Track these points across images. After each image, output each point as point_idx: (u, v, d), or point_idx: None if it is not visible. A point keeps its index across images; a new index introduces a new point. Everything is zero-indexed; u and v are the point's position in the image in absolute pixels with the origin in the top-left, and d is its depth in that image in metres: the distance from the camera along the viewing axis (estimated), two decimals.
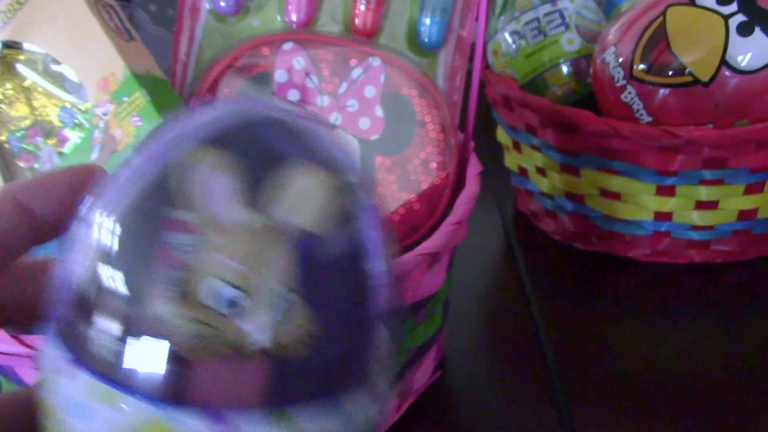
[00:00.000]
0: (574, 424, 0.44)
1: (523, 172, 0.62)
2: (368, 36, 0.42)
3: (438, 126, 0.42)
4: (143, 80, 0.36)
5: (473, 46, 0.44)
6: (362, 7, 0.42)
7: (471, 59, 0.44)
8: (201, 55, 0.42)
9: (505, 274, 0.59)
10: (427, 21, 0.42)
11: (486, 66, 0.61)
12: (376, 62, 0.42)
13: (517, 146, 0.61)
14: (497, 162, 0.66)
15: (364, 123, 0.41)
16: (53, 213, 0.19)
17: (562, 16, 0.57)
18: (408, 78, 0.42)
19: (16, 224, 0.19)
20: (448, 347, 0.50)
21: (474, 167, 0.43)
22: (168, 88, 0.38)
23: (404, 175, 0.42)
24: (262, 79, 0.41)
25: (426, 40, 0.42)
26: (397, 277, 0.21)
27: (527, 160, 0.60)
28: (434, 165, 0.42)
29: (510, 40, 0.59)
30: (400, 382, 0.42)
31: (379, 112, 0.42)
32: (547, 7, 0.57)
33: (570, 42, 0.57)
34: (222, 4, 0.42)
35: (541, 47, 0.57)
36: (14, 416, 0.19)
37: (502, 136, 0.64)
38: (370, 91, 0.42)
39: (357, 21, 0.42)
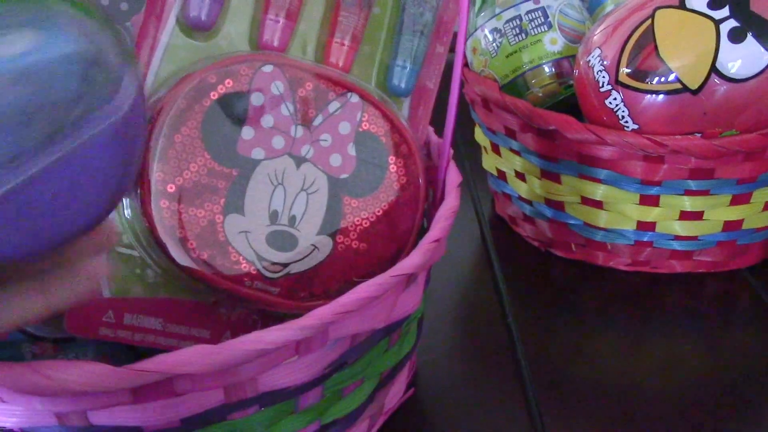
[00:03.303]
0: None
1: (501, 175, 0.60)
2: None
3: (409, 172, 0.40)
4: None
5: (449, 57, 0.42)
6: (337, 44, 0.40)
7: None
8: (161, 65, 0.39)
9: (480, 281, 0.57)
10: (400, 67, 0.41)
11: (464, 64, 0.59)
12: (354, 98, 0.40)
13: (495, 148, 0.59)
14: (476, 162, 0.64)
15: (335, 159, 0.40)
16: None
17: (545, 15, 0.55)
18: (383, 119, 0.40)
19: None
20: (421, 360, 0.48)
21: (453, 177, 0.41)
22: None
23: (370, 217, 0.40)
24: (236, 98, 0.38)
25: (397, 85, 0.42)
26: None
27: (506, 163, 0.58)
28: (402, 210, 0.40)
29: (490, 37, 0.56)
30: (371, 404, 0.40)
31: (351, 150, 0.40)
32: (530, 5, 0.55)
33: (553, 42, 0.54)
34: (194, 14, 0.39)
35: (522, 47, 0.55)
36: None
37: (480, 137, 0.61)
38: (344, 128, 0.40)
39: (332, 57, 0.41)
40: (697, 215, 0.52)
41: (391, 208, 0.40)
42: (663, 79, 0.47)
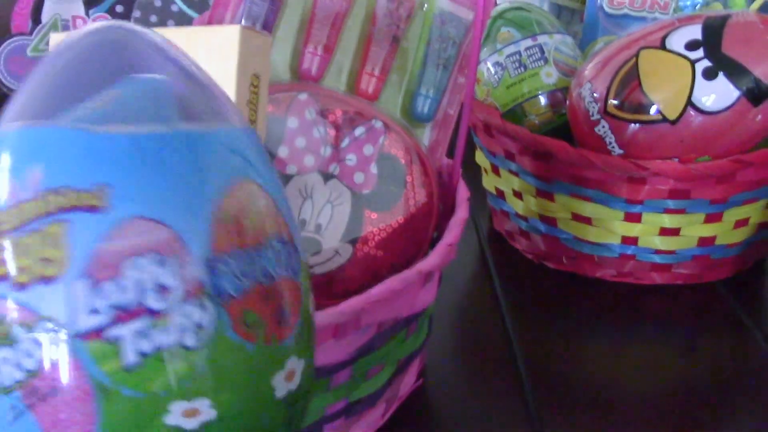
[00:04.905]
0: (544, 426, 0.47)
1: (500, 193, 0.66)
2: (369, 99, 0.47)
3: (424, 191, 0.46)
4: None
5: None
6: (368, 74, 0.46)
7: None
8: None
9: (480, 289, 0.63)
10: (423, 96, 0.47)
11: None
12: (377, 124, 0.45)
13: (495, 170, 0.65)
14: (475, 181, 0.69)
15: (358, 177, 0.45)
16: None
17: (542, 51, 0.61)
18: (403, 143, 0.46)
19: None
20: (429, 357, 0.53)
21: (462, 192, 0.47)
22: None
23: (387, 229, 0.46)
24: (275, 122, 0.44)
25: (419, 111, 0.47)
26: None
27: (505, 183, 0.64)
28: (416, 223, 0.46)
29: (492, 70, 0.63)
30: (389, 388, 0.45)
31: (373, 169, 0.45)
32: (528, 42, 0.61)
33: (548, 75, 0.61)
34: None
35: (521, 79, 0.61)
36: None
37: (480, 159, 0.68)
38: (368, 149, 0.45)
39: (362, 85, 0.46)
40: (675, 231, 0.58)
41: (407, 222, 0.46)
42: (645, 111, 0.53)
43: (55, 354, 0.20)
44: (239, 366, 0.22)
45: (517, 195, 0.63)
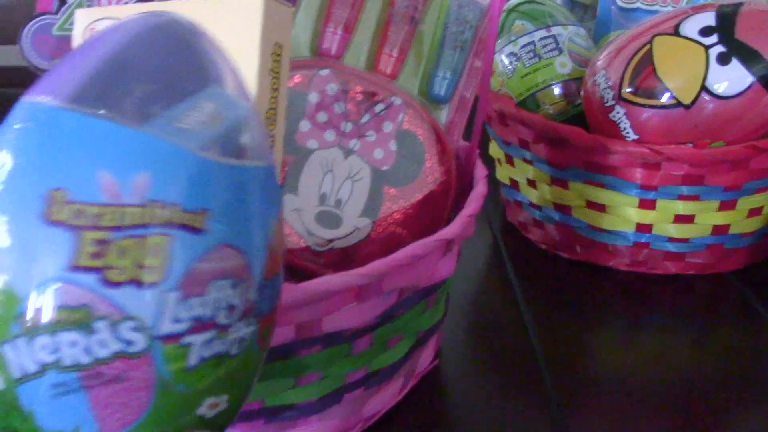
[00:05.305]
0: (560, 411, 0.47)
1: (513, 184, 0.66)
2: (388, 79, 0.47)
3: (442, 168, 0.46)
4: None
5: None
6: (386, 54, 0.47)
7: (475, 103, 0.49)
8: None
9: (495, 279, 0.63)
10: (440, 77, 0.47)
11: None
12: (397, 101, 0.46)
13: (509, 159, 0.65)
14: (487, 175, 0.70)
15: (378, 153, 0.46)
16: None
17: (556, 41, 0.62)
18: (422, 121, 0.46)
19: None
20: (445, 343, 0.53)
21: (481, 170, 0.47)
22: None
23: (406, 204, 0.46)
24: (297, 96, 0.45)
25: (436, 93, 0.48)
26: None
27: (519, 172, 0.65)
28: (434, 199, 0.47)
29: (506, 61, 0.63)
30: (407, 362, 0.46)
31: (393, 146, 0.46)
32: (542, 32, 0.62)
33: (563, 65, 0.62)
34: None
35: (536, 69, 0.62)
36: None
37: (494, 150, 0.68)
38: (387, 126, 0.46)
39: (381, 65, 0.47)
40: (689, 218, 0.58)
41: (425, 198, 0.47)
42: (660, 96, 0.54)
43: (132, 349, 0.22)
44: (253, 369, 0.26)
45: (531, 184, 0.64)
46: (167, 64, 0.24)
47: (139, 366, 0.22)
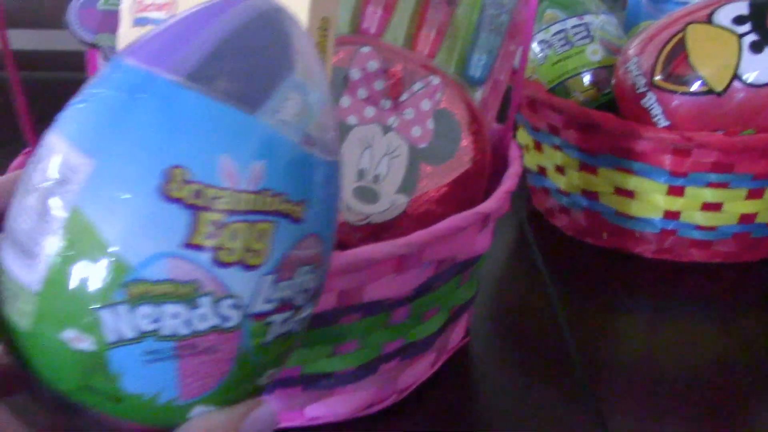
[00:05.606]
0: (591, 393, 0.48)
1: (541, 170, 0.67)
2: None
3: (478, 147, 0.47)
4: None
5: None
6: (425, 35, 0.48)
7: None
8: None
9: (522, 263, 0.64)
10: (476, 59, 0.48)
11: (512, 71, 0.66)
12: (435, 81, 0.47)
13: (537, 146, 0.66)
14: None
15: (416, 131, 0.47)
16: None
17: (588, 29, 0.63)
18: (459, 101, 0.47)
19: None
20: (475, 323, 0.54)
21: (515, 150, 0.48)
22: None
23: (441, 182, 0.47)
24: (339, 72, 0.46)
25: (472, 75, 0.48)
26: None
27: (547, 159, 0.65)
28: (470, 178, 0.47)
29: (538, 48, 0.64)
30: (441, 336, 0.47)
31: (430, 124, 0.47)
32: (574, 20, 0.63)
33: (594, 52, 0.62)
34: None
35: (567, 56, 0.63)
36: None
37: (522, 137, 0.69)
38: (426, 105, 0.47)
39: (419, 46, 0.48)
40: (716, 206, 0.59)
41: (461, 176, 0.47)
42: (692, 83, 0.54)
43: (227, 324, 0.23)
44: (298, 344, 0.27)
45: (560, 170, 0.64)
46: (271, 53, 0.24)
47: (228, 340, 0.23)
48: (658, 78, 0.56)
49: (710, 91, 0.54)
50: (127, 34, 0.43)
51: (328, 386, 0.43)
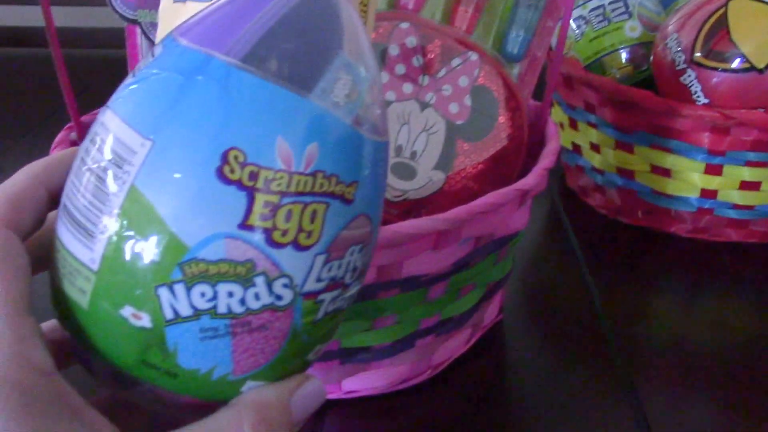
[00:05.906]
0: (626, 370, 0.48)
1: (576, 148, 0.67)
2: None
3: (515, 124, 0.47)
4: None
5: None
6: (462, 11, 0.48)
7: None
8: None
9: (554, 242, 0.64)
10: (514, 35, 0.48)
11: (549, 48, 0.66)
12: (473, 57, 0.47)
13: (573, 124, 0.66)
14: None
15: (453, 107, 0.47)
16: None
17: (626, 5, 0.62)
18: (497, 78, 0.47)
19: (41, 200, 0.26)
20: (508, 302, 0.54)
21: (552, 127, 0.48)
22: None
23: (478, 159, 0.47)
24: (377, 48, 0.46)
25: (510, 51, 0.48)
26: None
27: (582, 137, 0.65)
28: (506, 155, 0.47)
29: (575, 24, 0.63)
30: (476, 313, 0.47)
31: (467, 101, 0.47)
32: None
33: (632, 29, 0.62)
34: None
35: (604, 32, 0.62)
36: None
37: (557, 114, 0.68)
38: (463, 81, 0.47)
39: (457, 22, 0.48)
40: (755, 185, 0.58)
41: (498, 153, 0.47)
42: (733, 60, 0.54)
43: (280, 303, 0.24)
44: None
45: (595, 148, 0.64)
46: (322, 33, 0.24)
47: (281, 318, 0.24)
48: (698, 55, 0.55)
49: (751, 68, 0.53)
50: (168, 9, 0.43)
51: (365, 360, 0.43)
